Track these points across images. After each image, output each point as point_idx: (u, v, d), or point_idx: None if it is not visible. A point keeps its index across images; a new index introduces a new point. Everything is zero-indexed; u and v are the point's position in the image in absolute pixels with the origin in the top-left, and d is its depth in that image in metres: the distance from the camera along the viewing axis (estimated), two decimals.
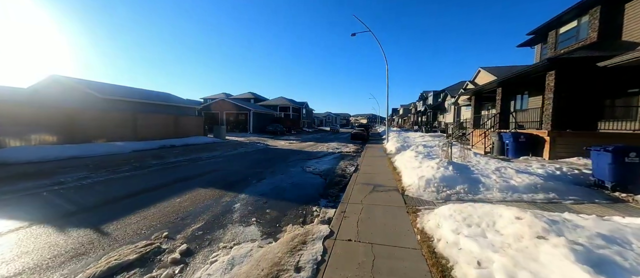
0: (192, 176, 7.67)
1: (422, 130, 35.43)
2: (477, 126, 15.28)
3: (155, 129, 15.98)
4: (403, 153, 10.16)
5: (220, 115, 31.58)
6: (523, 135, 9.19)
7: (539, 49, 14.16)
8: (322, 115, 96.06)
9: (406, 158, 9.03)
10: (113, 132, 13.60)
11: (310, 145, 18.57)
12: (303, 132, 42.12)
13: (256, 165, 9.74)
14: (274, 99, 50.93)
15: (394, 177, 7.26)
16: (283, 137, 27.03)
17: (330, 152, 14.30)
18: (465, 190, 5.26)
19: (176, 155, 11.50)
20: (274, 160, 11.01)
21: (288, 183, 7.02)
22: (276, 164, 10.04)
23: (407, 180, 6.31)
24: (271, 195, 5.81)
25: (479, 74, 20.66)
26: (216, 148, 14.66)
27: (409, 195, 5.39)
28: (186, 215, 4.54)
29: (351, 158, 11.80)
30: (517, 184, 5.26)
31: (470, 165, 6.92)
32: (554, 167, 6.82)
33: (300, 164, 10.08)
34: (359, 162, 10.33)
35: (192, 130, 18.94)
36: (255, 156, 12.30)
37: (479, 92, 15.20)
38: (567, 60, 8.28)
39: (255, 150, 14.97)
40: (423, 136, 21.34)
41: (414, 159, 8.39)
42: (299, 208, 4.97)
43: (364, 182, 6.70)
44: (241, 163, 10.25)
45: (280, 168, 9.25)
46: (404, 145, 13.74)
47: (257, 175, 7.98)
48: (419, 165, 7.26)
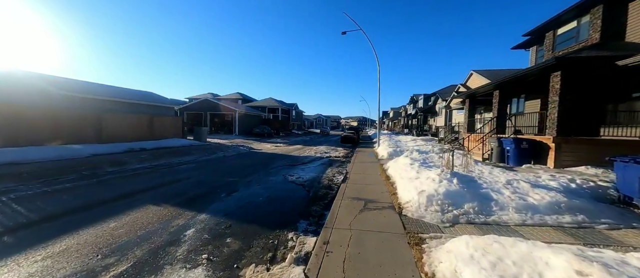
0: (148, 188, 6.41)
1: (413, 134, 35.01)
2: (471, 130, 14.65)
3: (125, 130, 14.41)
4: (396, 160, 9.24)
5: (204, 115, 29.93)
6: (526, 141, 8.46)
7: (534, 51, 13.71)
8: (313, 117, 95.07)
9: (400, 165, 8.10)
10: (72, 133, 12.01)
11: (297, 149, 17.47)
12: (292, 134, 40.90)
13: (231, 173, 8.54)
14: (263, 100, 49.48)
15: (388, 189, 6.28)
16: (270, 140, 25.77)
17: (317, 157, 13.25)
18: (476, 210, 4.32)
19: (142, 161, 10.11)
20: (254, 167, 9.83)
21: (264, 197, 5.90)
22: (255, 172, 8.88)
23: (405, 194, 5.33)
24: (238, 216, 4.68)
25: (471, 77, 20.26)
26: (192, 152, 13.30)
27: (408, 216, 4.40)
28: (113, 249, 3.35)
29: (340, 165, 10.79)
30: (536, 203, 4.37)
31: (476, 176, 6.04)
32: (566, 179, 6.03)
33: (283, 172, 8.97)
34: (348, 169, 9.33)
35: (169, 132, 17.42)
36: (234, 162, 11.08)
37: (473, 95, 14.60)
38: (575, 60, 7.61)
39: (236, 154, 13.71)
40: (415, 140, 20.67)
41: (410, 167, 7.46)
42: (271, 236, 3.88)
43: (353, 195, 5.68)
44: (215, 170, 9.02)
45: (259, 177, 8.10)
46: (397, 150, 12.89)
47: (229, 186, 6.80)
48: (416, 176, 6.32)
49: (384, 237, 3.57)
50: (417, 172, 6.74)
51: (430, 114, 33.63)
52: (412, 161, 8.23)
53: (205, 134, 18.99)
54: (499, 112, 11.26)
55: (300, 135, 40.51)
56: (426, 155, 9.45)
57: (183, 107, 30.13)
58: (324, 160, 12.20)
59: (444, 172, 5.54)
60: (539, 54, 13.52)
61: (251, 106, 44.72)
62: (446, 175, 5.38)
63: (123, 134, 14.10)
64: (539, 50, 13.43)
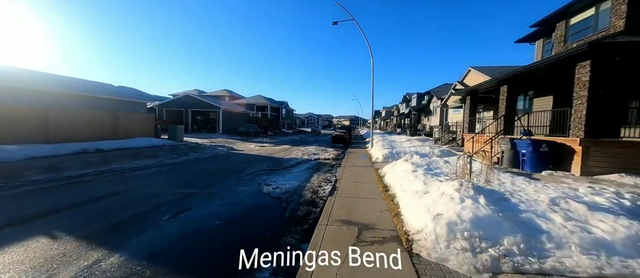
0: (67, 206, 4.74)
1: (406, 133, 33.98)
2: (471, 130, 13.48)
3: (81, 128, 12.42)
4: (394, 165, 7.85)
5: (185, 113, 27.85)
6: (546, 144, 7.22)
7: (540, 44, 12.62)
8: (304, 116, 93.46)
9: (400, 172, 6.70)
10: (9, 132, 10.02)
11: (283, 150, 15.90)
12: (281, 133, 39.18)
13: (194, 182, 6.92)
14: (251, 97, 47.47)
15: (388, 205, 4.84)
16: (256, 139, 24.05)
17: (304, 160, 11.73)
18: (522, 248, 2.92)
19: (87, 166, 8.32)
20: (225, 173, 8.22)
21: (222, 219, 4.35)
22: (225, 179, 7.29)
23: (413, 218, 3.89)
24: (170, 257, 3.12)
25: (469, 74, 19.22)
26: (159, 154, 11.51)
27: (423, 256, 2.98)
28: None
29: (329, 169, 9.31)
30: (608, 237, 3.00)
31: (502, 189, 4.67)
32: (611, 192, 4.76)
33: (260, 179, 7.41)
34: (338, 175, 7.86)
35: (139, 131, 15.46)
36: (205, 166, 9.42)
37: (474, 92, 13.41)
38: (612, 46, 6.37)
39: (210, 156, 12.02)
40: (410, 140, 19.47)
41: (412, 175, 6.06)
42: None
43: (343, 217, 4.20)
44: (175, 178, 7.38)
45: (227, 186, 6.52)
46: (392, 151, 11.52)
47: (182, 202, 5.21)
48: (424, 188, 4.91)
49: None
50: (423, 182, 5.34)
51: (424, 113, 32.67)
52: (415, 167, 6.84)
53: (181, 132, 17.12)
54: (507, 111, 10.05)
55: (290, 134, 38.86)
56: (429, 160, 8.09)
57: (162, 104, 27.95)
58: (311, 164, 10.70)
59: (464, 186, 4.13)
60: (545, 48, 12.44)
61: (239, 104, 42.68)
62: (468, 191, 3.97)
63: (78, 133, 12.11)
64: (547, 43, 12.35)
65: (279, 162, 10.79)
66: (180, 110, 27.91)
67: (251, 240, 3.54)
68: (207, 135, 24.86)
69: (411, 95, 43.06)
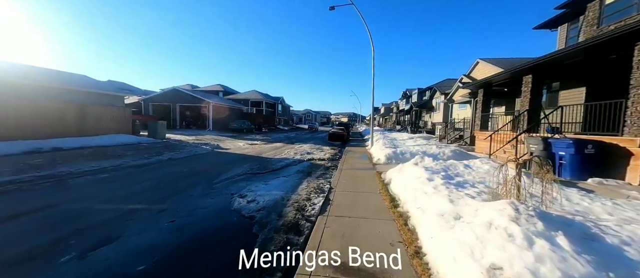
0: None
1: (407, 131, 32.62)
2: (484, 127, 12.06)
3: (38, 123, 10.81)
4: (401, 169, 6.40)
5: (172, 108, 26.18)
6: (592, 144, 5.79)
7: (564, 30, 11.17)
8: (302, 112, 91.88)
9: (411, 180, 5.27)
10: None
11: (275, 149, 14.41)
12: (276, 130, 37.65)
13: (147, 193, 5.43)
14: (245, 93, 45.72)
15: (401, 233, 3.39)
16: (247, 137, 22.52)
17: (296, 160, 10.26)
18: None
19: (25, 170, 6.78)
20: (195, 179, 6.74)
21: (154, 258, 2.89)
22: (190, 188, 5.81)
23: (448, 269, 2.44)
24: None
25: (477, 66, 17.77)
26: (126, 154, 9.98)
27: None
28: None
29: (323, 173, 7.85)
30: None
31: (559, 208, 3.24)
32: None
33: (234, 188, 5.94)
34: (333, 181, 6.40)
35: (112, 127, 13.87)
36: (174, 169, 7.92)
37: (488, 84, 11.97)
38: None
39: (188, 156, 10.51)
40: (413, 138, 18.05)
41: (429, 186, 4.62)
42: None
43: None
44: (126, 186, 5.88)
45: (188, 199, 5.04)
46: (396, 151, 10.07)
47: (112, 225, 3.73)
48: (452, 210, 3.47)
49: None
50: (448, 198, 3.89)
51: (426, 110, 31.26)
52: (429, 173, 5.38)
53: (162, 129, 15.53)
54: (531, 104, 8.62)
55: (286, 131, 37.32)
56: (444, 163, 6.62)
57: (148, 98, 26.25)
58: (303, 165, 9.24)
59: (521, 211, 2.67)
60: (570, 33, 10.99)
61: (232, 99, 41.00)
62: (531, 221, 2.52)
63: (34, 129, 10.50)
64: (572, 29, 10.90)
65: (265, 164, 9.31)
66: (167, 105, 26.23)
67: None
68: (196, 132, 23.27)
69: (411, 91, 41.58)
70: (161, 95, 26.25)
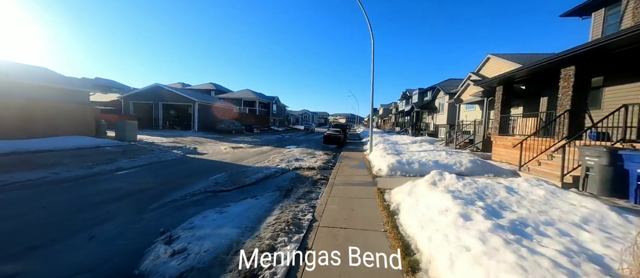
0: None
1: (408, 133, 30.90)
2: (504, 131, 10.25)
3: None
4: (413, 190, 4.54)
5: (155, 106, 24.15)
6: None
7: (601, 16, 9.38)
8: (298, 113, 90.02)
9: (434, 215, 3.44)
10: None
11: (260, 153, 12.51)
12: (269, 131, 35.67)
13: (24, 232, 3.51)
14: (238, 92, 43.70)
15: None
16: (235, 138, 20.57)
17: (278, 171, 8.36)
18: None
19: None
20: (124, 202, 4.82)
21: None
22: (102, 222, 3.90)
23: None
24: None
25: (488, 63, 16.00)
26: (64, 162, 8.01)
27: None
28: None
29: (308, 192, 5.95)
30: None
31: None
32: None
33: (170, 220, 4.03)
34: (318, 208, 4.49)
35: (69, 127, 11.86)
36: (107, 186, 6.00)
37: (509, 80, 10.16)
38: None
39: (145, 164, 8.57)
40: (416, 142, 16.20)
41: (470, 234, 2.76)
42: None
43: None
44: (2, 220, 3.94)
45: (76, 246, 3.13)
46: (401, 160, 8.20)
47: None
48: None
49: None
50: (521, 267, 2.01)
51: (428, 111, 29.48)
52: (460, 203, 3.52)
53: (131, 130, 13.53)
54: (573, 103, 6.80)
55: (280, 132, 35.37)
56: (475, 185, 4.66)
57: (128, 96, 24.18)
58: (286, 178, 7.36)
59: None
60: (608, 20, 9.22)
61: (225, 98, 38.98)
62: None
63: None
64: (611, 15, 9.12)
65: (238, 176, 7.40)
66: (149, 103, 24.18)
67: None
68: (179, 133, 21.27)
69: (412, 92, 39.83)
70: (143, 92, 24.17)
